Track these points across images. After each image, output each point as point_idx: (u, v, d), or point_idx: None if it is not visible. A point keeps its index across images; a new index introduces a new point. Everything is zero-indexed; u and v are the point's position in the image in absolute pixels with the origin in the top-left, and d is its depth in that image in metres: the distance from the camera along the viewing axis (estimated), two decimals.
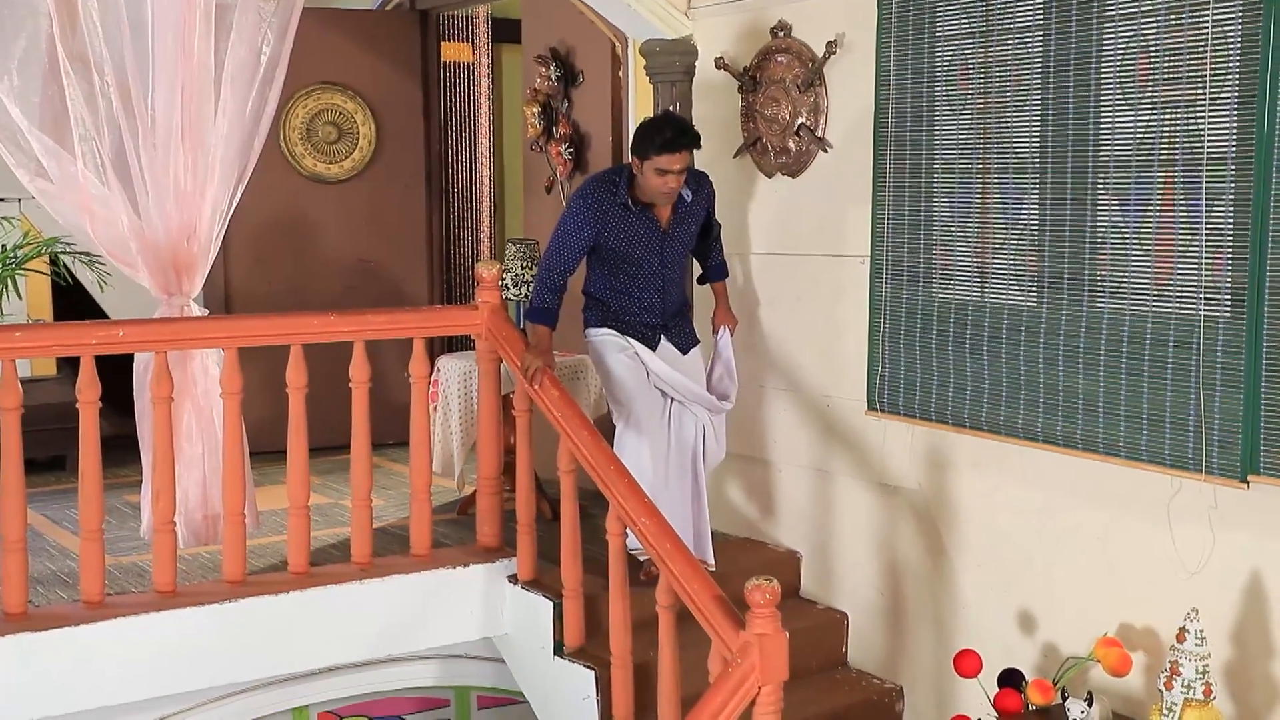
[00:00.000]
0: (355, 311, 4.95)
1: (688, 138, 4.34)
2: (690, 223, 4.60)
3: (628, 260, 4.51)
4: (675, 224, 4.55)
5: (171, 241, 4.66)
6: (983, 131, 4.11)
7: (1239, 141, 3.40)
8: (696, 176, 4.61)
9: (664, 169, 4.30)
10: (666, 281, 4.58)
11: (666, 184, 4.34)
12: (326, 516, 5.49)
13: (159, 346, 4.26)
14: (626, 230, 4.47)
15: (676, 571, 3.64)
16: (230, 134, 4.73)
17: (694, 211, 4.60)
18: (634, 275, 4.53)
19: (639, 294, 4.55)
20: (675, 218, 4.54)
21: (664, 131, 4.31)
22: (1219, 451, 3.48)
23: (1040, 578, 4.09)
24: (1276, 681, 3.45)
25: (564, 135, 6.28)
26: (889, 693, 4.60)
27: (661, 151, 4.28)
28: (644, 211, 4.47)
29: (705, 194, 4.65)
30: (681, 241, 4.60)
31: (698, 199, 4.59)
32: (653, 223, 4.49)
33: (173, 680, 4.23)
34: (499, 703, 5.24)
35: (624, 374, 4.53)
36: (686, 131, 4.36)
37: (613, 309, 4.59)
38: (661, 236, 4.51)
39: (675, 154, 4.29)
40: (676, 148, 4.29)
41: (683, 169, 4.34)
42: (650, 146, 4.30)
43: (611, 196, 4.45)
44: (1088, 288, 3.82)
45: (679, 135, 4.31)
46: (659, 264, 4.54)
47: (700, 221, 4.65)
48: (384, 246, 7.39)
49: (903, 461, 4.55)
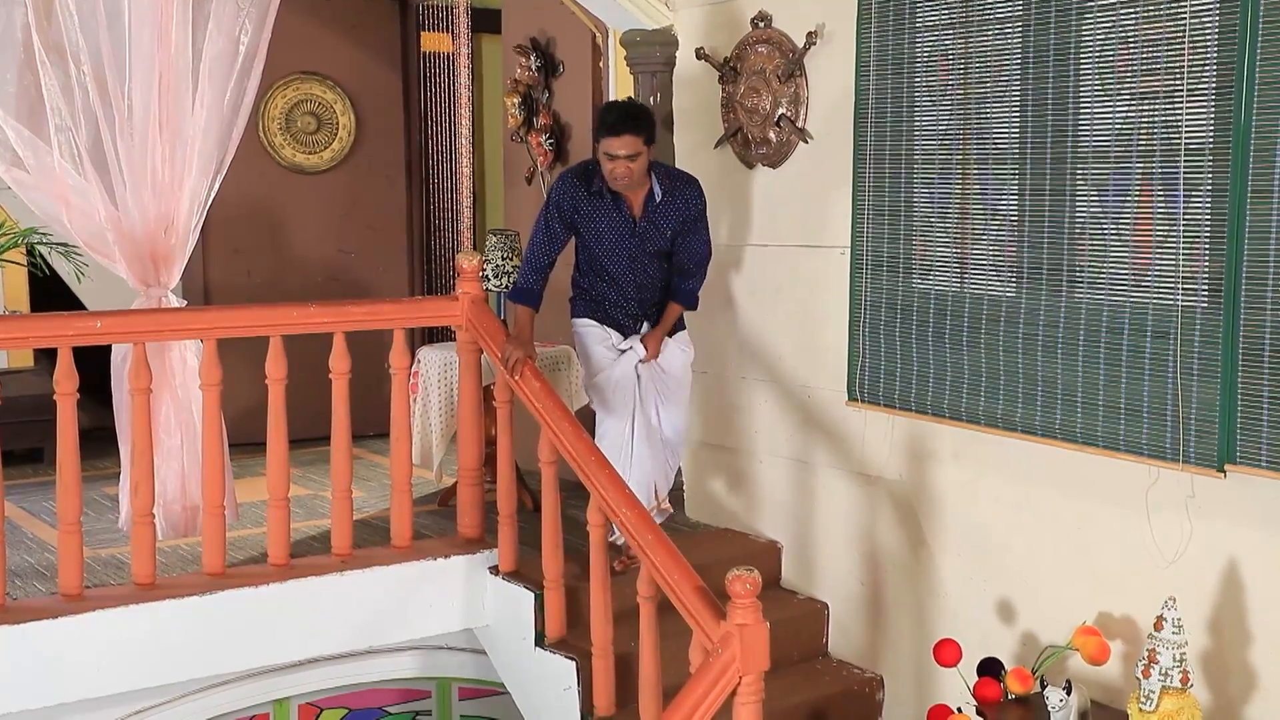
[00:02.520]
0: (335, 302, 4.95)
1: (632, 123, 4.25)
2: (664, 224, 4.48)
3: (600, 248, 4.49)
4: (646, 220, 4.47)
5: (149, 232, 4.64)
6: (962, 122, 4.11)
7: (1216, 132, 3.42)
8: (674, 178, 4.52)
9: (610, 153, 4.26)
10: (641, 278, 4.53)
11: (614, 170, 4.29)
12: (307, 508, 5.48)
13: (137, 338, 4.23)
14: (598, 217, 4.45)
15: (658, 562, 3.65)
16: (208, 124, 4.70)
17: (666, 212, 4.48)
18: (609, 266, 4.51)
19: (616, 285, 4.53)
20: (646, 214, 4.46)
21: (610, 114, 4.29)
22: (1196, 441, 3.50)
23: (1019, 567, 4.11)
24: (1253, 669, 3.47)
25: (544, 126, 6.27)
26: (869, 682, 4.62)
27: (605, 135, 4.25)
28: (616, 201, 4.43)
29: (684, 196, 4.49)
30: (653, 240, 4.49)
31: (672, 201, 4.46)
32: (624, 213, 4.45)
33: (152, 673, 4.21)
34: (480, 694, 5.24)
35: (604, 366, 4.54)
36: (633, 116, 4.28)
37: (594, 296, 4.59)
38: (632, 227, 4.46)
39: (618, 137, 4.23)
40: (618, 131, 4.23)
41: (630, 154, 4.26)
42: (600, 129, 4.29)
43: (585, 183, 4.43)
44: (1066, 278, 3.84)
45: (621, 119, 4.25)
46: (629, 258, 4.49)
47: (675, 226, 4.49)
48: (364, 237, 7.38)
49: (883, 452, 4.56)
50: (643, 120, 4.29)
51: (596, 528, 4.07)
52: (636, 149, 4.28)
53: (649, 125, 4.32)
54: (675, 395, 4.67)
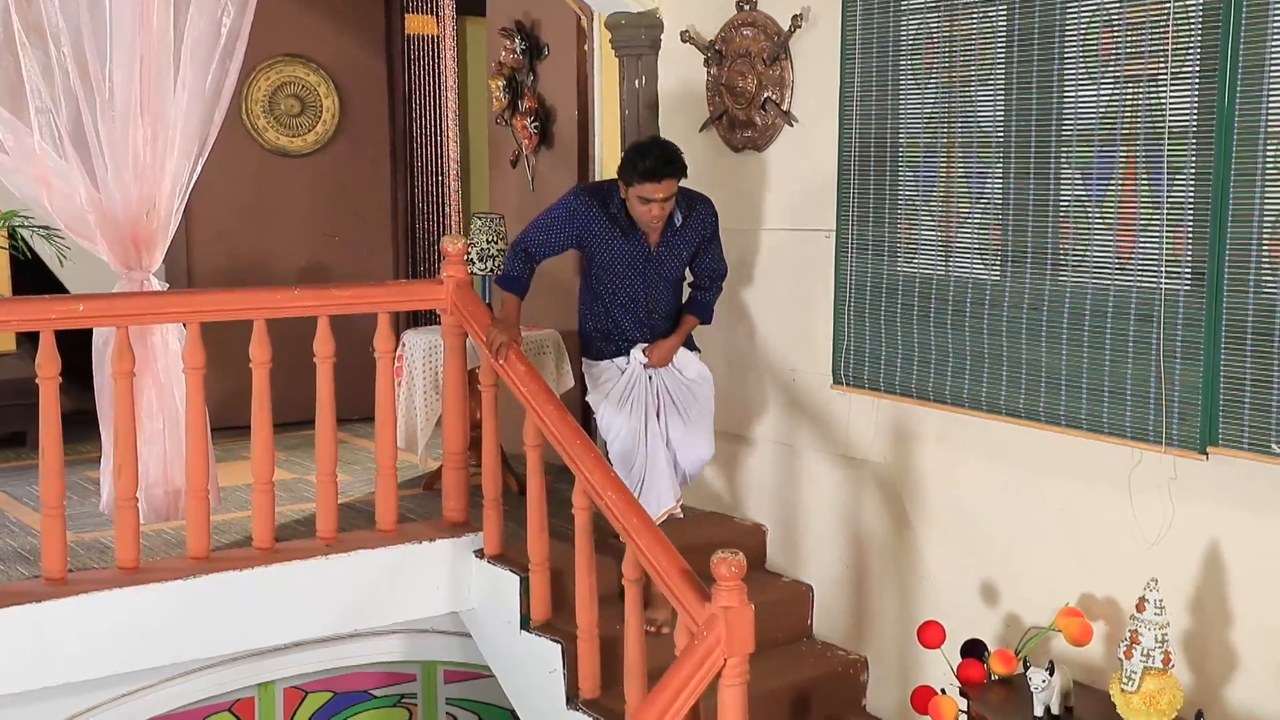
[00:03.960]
0: (319, 286, 4.93)
1: (671, 167, 4.10)
2: (682, 248, 4.36)
3: (611, 274, 4.33)
4: (664, 246, 4.31)
5: (131, 215, 4.62)
6: (947, 106, 4.11)
7: (1200, 117, 3.43)
8: (690, 199, 4.36)
9: (646, 197, 4.11)
10: (652, 301, 4.39)
11: (650, 212, 4.15)
12: (291, 492, 5.47)
13: (120, 321, 4.21)
14: (611, 243, 4.28)
15: (643, 546, 3.65)
16: (190, 106, 4.68)
17: (685, 236, 4.34)
18: (617, 292, 4.35)
19: (627, 310, 4.38)
20: (664, 240, 4.31)
21: (646, 159, 4.09)
22: (1179, 423, 3.52)
23: (1003, 549, 4.13)
24: (1234, 649, 3.50)
25: (529, 109, 6.25)
26: (854, 664, 4.64)
27: (644, 180, 4.09)
28: (633, 229, 4.27)
29: (700, 216, 4.37)
30: (669, 266, 4.36)
31: (690, 223, 4.34)
32: (640, 241, 4.28)
33: (136, 657, 4.20)
34: (465, 677, 5.25)
35: (610, 377, 4.40)
36: (671, 160, 4.11)
37: (604, 328, 4.42)
38: (647, 256, 4.31)
39: (658, 183, 4.08)
40: (659, 177, 4.07)
41: (667, 197, 4.13)
42: (633, 173, 4.10)
43: (603, 206, 4.27)
44: (1051, 261, 3.84)
45: (661, 165, 4.08)
46: (643, 285, 4.35)
47: (693, 248, 4.38)
48: (348, 220, 7.36)
49: (868, 435, 4.57)
50: (678, 161, 4.15)
51: (581, 511, 4.07)
52: (674, 191, 4.16)
53: (683, 162, 4.17)
54: (696, 410, 4.44)
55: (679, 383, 4.44)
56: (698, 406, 4.46)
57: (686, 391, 4.45)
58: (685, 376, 4.45)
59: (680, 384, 4.44)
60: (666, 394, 4.43)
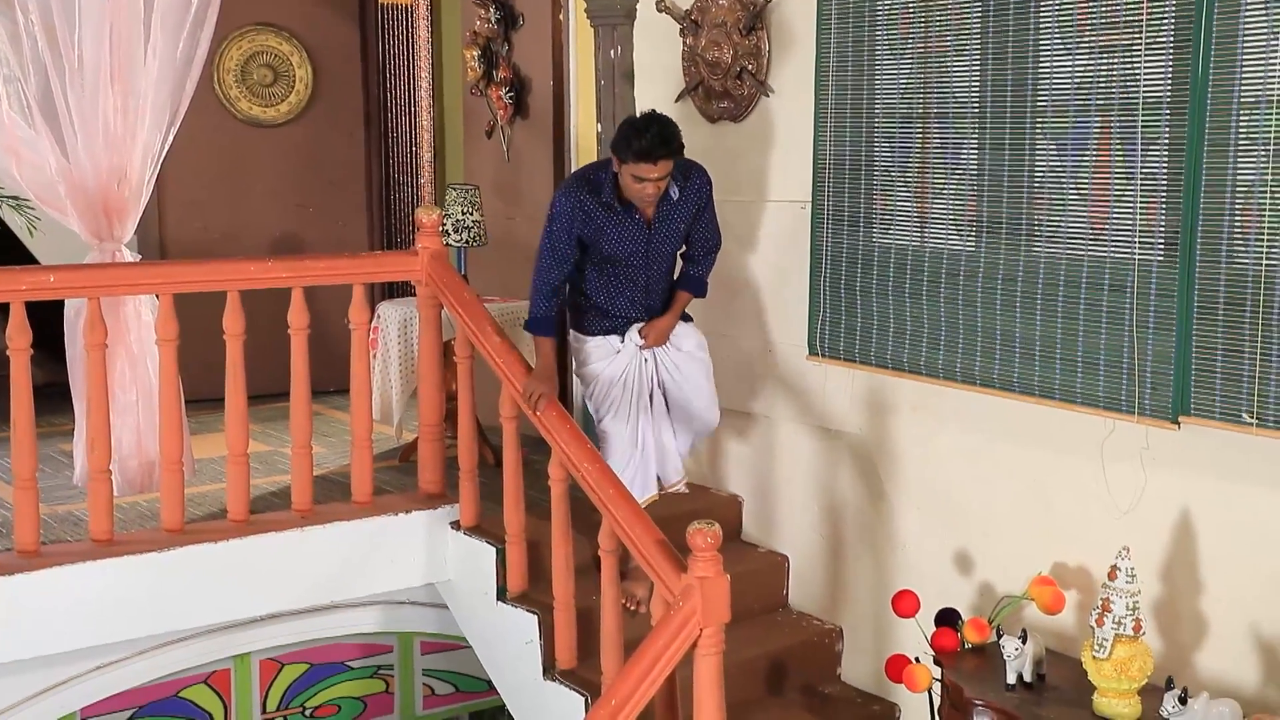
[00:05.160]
0: (293, 257, 4.90)
1: (668, 148, 3.96)
2: (678, 220, 4.24)
3: (612, 260, 4.22)
4: (661, 220, 4.20)
5: (101, 185, 4.57)
6: (923, 77, 4.11)
7: (1174, 87, 3.43)
8: (685, 169, 4.21)
9: (641, 177, 3.99)
10: (650, 279, 4.29)
11: (644, 190, 4.02)
12: (266, 464, 5.45)
13: (92, 293, 4.18)
14: (611, 230, 4.16)
15: (619, 517, 3.66)
16: (161, 76, 4.63)
17: (681, 207, 4.23)
18: (617, 273, 4.25)
19: (621, 290, 4.28)
20: (660, 214, 4.20)
21: (641, 138, 3.93)
22: (1151, 393, 3.54)
23: (977, 519, 4.16)
24: (1203, 616, 3.53)
25: (504, 79, 6.22)
26: (829, 633, 4.66)
27: (639, 160, 3.95)
28: (629, 210, 4.15)
29: (695, 187, 4.24)
30: (668, 240, 4.26)
31: (686, 194, 4.21)
32: (638, 221, 4.17)
33: (111, 630, 4.19)
34: (442, 648, 5.26)
35: (600, 365, 4.32)
36: (668, 140, 3.96)
37: (598, 305, 4.31)
38: (647, 235, 4.20)
39: (654, 164, 3.95)
40: (654, 158, 3.94)
41: (662, 176, 4.01)
42: (627, 151, 3.96)
43: (594, 197, 4.13)
44: (1026, 232, 3.85)
45: (657, 145, 3.93)
46: (643, 262, 4.24)
47: (689, 218, 4.27)
48: (322, 191, 7.31)
49: (843, 406, 4.59)
50: (676, 141, 4.01)
51: (558, 482, 4.07)
52: (669, 170, 4.04)
53: (680, 140, 4.03)
54: (695, 381, 4.38)
55: (677, 359, 4.37)
56: (699, 375, 4.40)
57: (688, 361, 4.38)
58: (683, 349, 4.38)
59: (679, 359, 4.37)
60: (665, 377, 4.35)
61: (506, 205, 6.34)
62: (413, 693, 5.28)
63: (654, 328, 4.31)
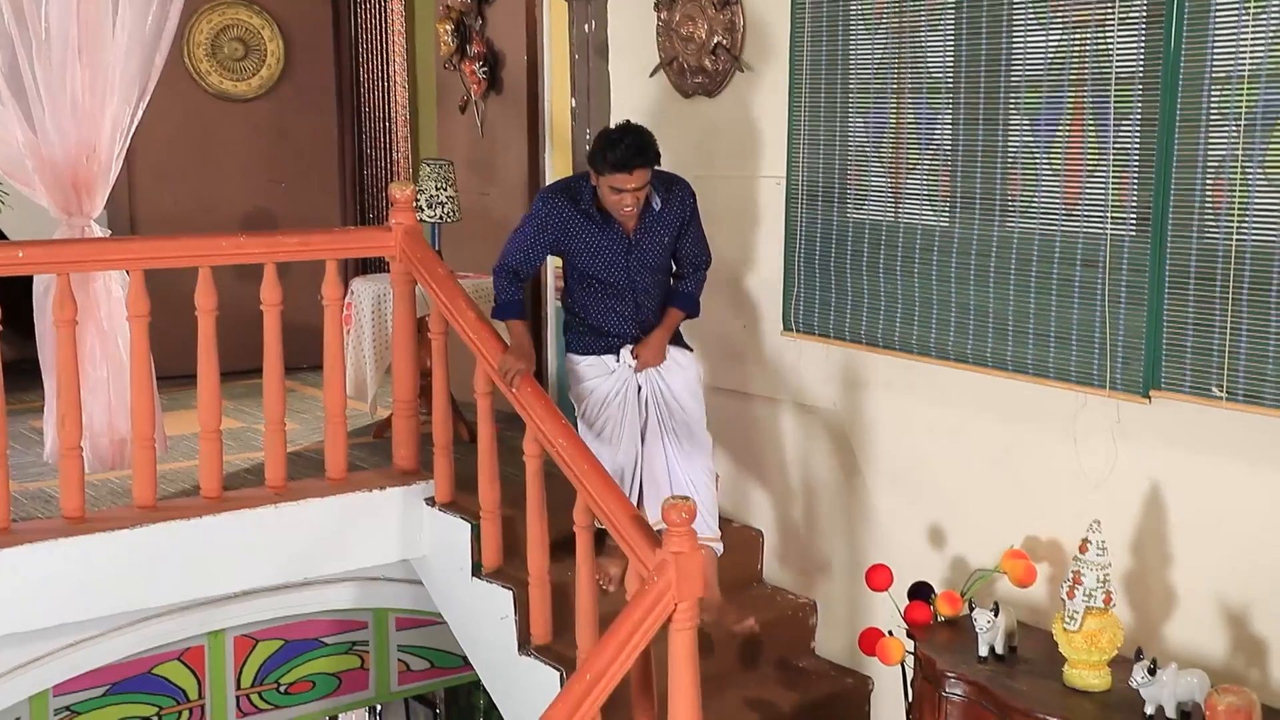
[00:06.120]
0: (266, 233, 4.88)
1: (642, 156, 3.91)
2: (661, 233, 4.16)
3: (595, 269, 4.16)
4: (642, 233, 4.13)
5: (70, 159, 4.53)
6: (897, 52, 4.11)
7: (1146, 62, 3.44)
8: (667, 182, 4.16)
9: (618, 187, 3.94)
10: (639, 295, 4.20)
11: (622, 202, 3.97)
12: (239, 441, 5.43)
13: (61, 268, 4.15)
14: (590, 241, 4.11)
15: (594, 492, 3.66)
16: (130, 49, 4.59)
17: (664, 220, 4.15)
18: (605, 291, 4.19)
19: (611, 308, 4.20)
20: (642, 226, 4.12)
21: (615, 149, 3.89)
22: (1123, 367, 3.56)
23: (950, 493, 4.18)
24: (1172, 588, 3.57)
25: (478, 54, 6.18)
26: (803, 607, 4.69)
27: (614, 170, 3.90)
28: (608, 221, 4.09)
29: (678, 201, 4.18)
30: (651, 253, 4.17)
31: (669, 207, 4.15)
32: (618, 233, 4.10)
33: (83, 607, 4.18)
34: (417, 624, 5.27)
35: (592, 384, 4.23)
36: (643, 149, 3.92)
37: (591, 324, 4.24)
38: (627, 247, 4.12)
39: (630, 174, 3.90)
40: (629, 167, 3.89)
41: (640, 186, 3.95)
42: (603, 163, 3.92)
43: (573, 205, 4.09)
44: (999, 208, 3.86)
45: (632, 155, 3.89)
46: (627, 277, 4.16)
47: (674, 232, 4.18)
48: (295, 167, 7.27)
49: (818, 381, 4.60)
50: (651, 150, 3.96)
51: (532, 458, 4.07)
52: (646, 180, 3.98)
53: (657, 151, 3.98)
54: (686, 424, 4.22)
55: (673, 385, 4.24)
56: (691, 415, 4.25)
57: (672, 401, 4.23)
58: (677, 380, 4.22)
59: (665, 396, 4.23)
60: (661, 398, 4.23)
61: (480, 180, 6.31)
62: (388, 669, 5.29)
63: (646, 347, 4.19)
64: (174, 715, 4.83)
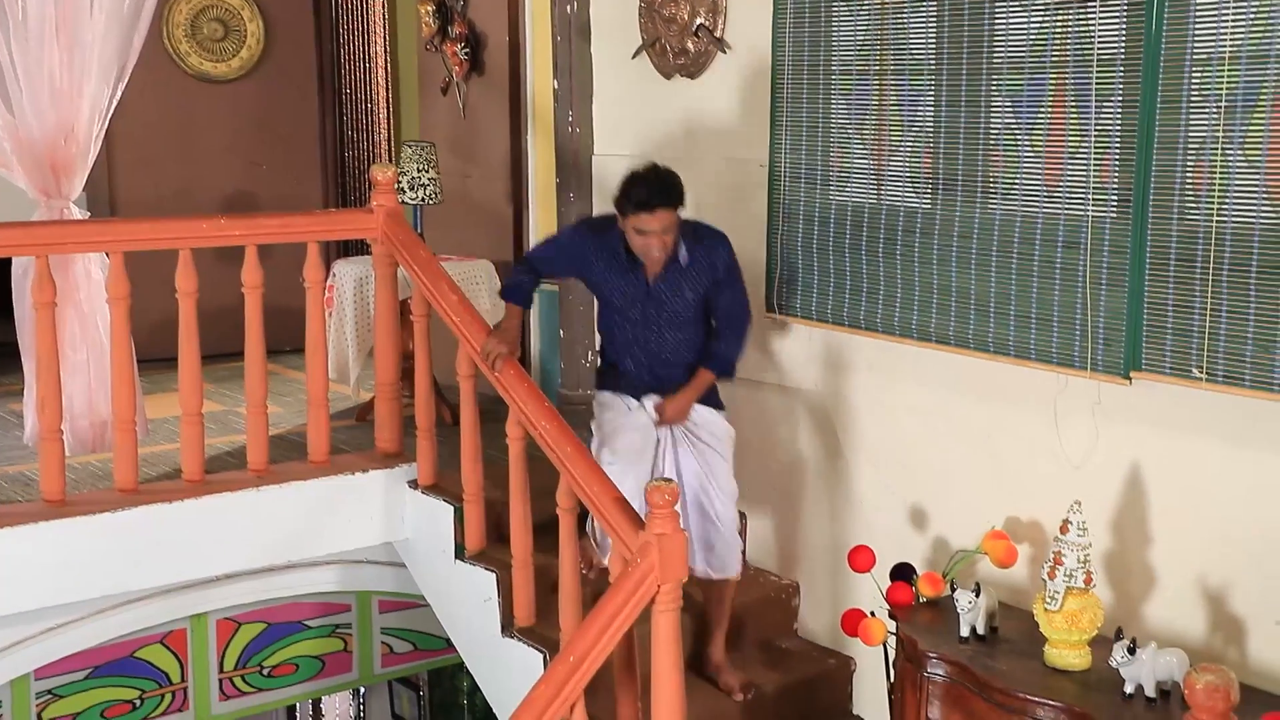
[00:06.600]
0: (247, 215, 4.86)
1: (665, 196, 3.83)
2: (684, 287, 4.00)
3: (611, 309, 4.09)
4: (664, 284, 3.99)
5: (48, 140, 4.50)
6: (879, 33, 4.10)
7: (1128, 43, 3.45)
8: (699, 235, 4.04)
9: (641, 229, 3.85)
10: (653, 346, 4.05)
11: (647, 244, 3.87)
12: (221, 424, 5.41)
13: (39, 251, 4.12)
14: (610, 276, 4.02)
15: (578, 475, 3.66)
16: (108, 29, 4.55)
17: (691, 277, 3.99)
18: (624, 326, 4.08)
19: (628, 347, 4.09)
20: (665, 277, 3.98)
21: (638, 188, 3.83)
22: (1104, 349, 3.58)
23: (932, 475, 4.19)
24: (1152, 568, 3.59)
25: (460, 35, 6.15)
26: (786, 589, 4.70)
27: (637, 210, 3.82)
28: (635, 262, 3.98)
29: (706, 258, 4.00)
30: (670, 306, 4.01)
31: (699, 264, 4.00)
32: (638, 275, 3.99)
33: (64, 590, 4.16)
34: (400, 606, 5.27)
35: (613, 414, 4.10)
36: (666, 190, 3.84)
37: (608, 359, 4.18)
38: (645, 293, 4.00)
39: (652, 214, 3.81)
40: (652, 207, 3.81)
41: (664, 228, 3.85)
42: (626, 203, 3.85)
43: (605, 237, 4.00)
44: (981, 189, 3.87)
45: (654, 194, 3.81)
46: (642, 324, 4.03)
47: (701, 290, 4.02)
48: (275, 148, 7.22)
49: (800, 363, 4.60)
50: (675, 190, 3.87)
51: (515, 441, 4.06)
52: (671, 222, 3.87)
53: (681, 192, 3.89)
54: (711, 454, 4.13)
55: (697, 445, 4.13)
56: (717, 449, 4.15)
57: (700, 431, 4.13)
58: (701, 423, 4.12)
59: (693, 430, 4.12)
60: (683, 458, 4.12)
61: (463, 163, 6.29)
62: (371, 651, 5.29)
63: (671, 403, 4.05)
64: (156, 699, 4.83)
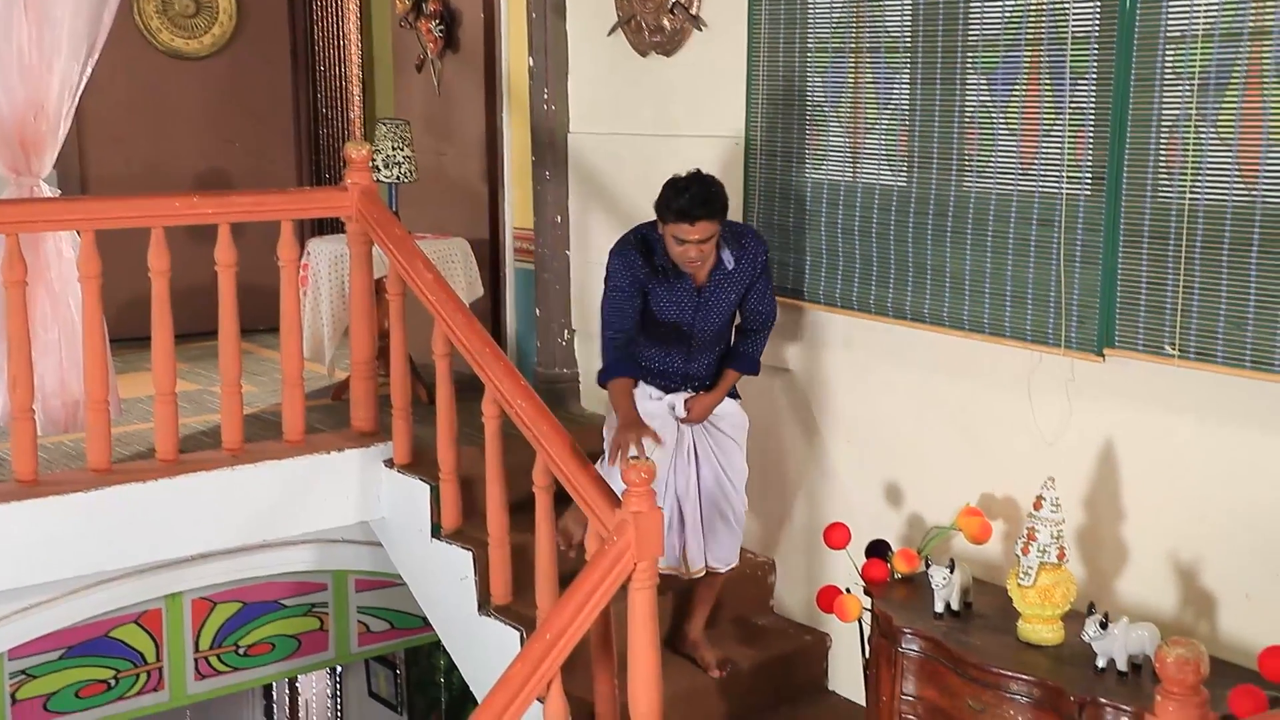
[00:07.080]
0: (220, 193, 4.82)
1: (708, 208, 3.73)
2: (730, 290, 3.99)
3: (659, 317, 4.00)
4: (712, 287, 3.97)
5: (17, 117, 4.45)
6: (855, 11, 4.10)
7: (1102, 21, 3.45)
8: (741, 237, 3.99)
9: (681, 238, 3.77)
10: (695, 348, 4.03)
11: (687, 254, 3.80)
12: (195, 404, 5.38)
13: (10, 229, 4.07)
14: (662, 292, 3.95)
15: (554, 453, 3.66)
16: (78, 6, 4.50)
17: (735, 277, 3.98)
18: (661, 335, 4.02)
19: (665, 350, 4.04)
20: (713, 280, 3.96)
21: (680, 197, 3.73)
22: (1077, 326, 3.59)
23: (907, 452, 4.21)
24: (1124, 543, 3.62)
25: (434, 12, 6.11)
26: (762, 566, 4.72)
27: (678, 220, 3.74)
28: (680, 275, 3.94)
29: (749, 258, 3.99)
30: (717, 309, 3.99)
31: (743, 267, 3.97)
32: (687, 284, 3.95)
33: (37, 570, 4.14)
34: (376, 585, 5.27)
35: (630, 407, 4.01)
36: (709, 200, 3.74)
37: (642, 360, 4.07)
38: (695, 298, 3.96)
39: (693, 225, 3.73)
40: (692, 219, 3.72)
41: (705, 238, 3.77)
42: (667, 211, 3.77)
43: (647, 259, 3.92)
44: (956, 167, 3.87)
45: (696, 205, 3.72)
46: (690, 329, 4.01)
47: (743, 288, 4.01)
48: (249, 126, 7.18)
49: (776, 341, 4.60)
50: (718, 201, 3.77)
51: (491, 419, 4.06)
52: (712, 232, 3.79)
53: (724, 203, 3.80)
54: (728, 442, 4.13)
55: (715, 436, 4.13)
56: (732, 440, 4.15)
57: (724, 439, 4.13)
58: (720, 428, 4.12)
59: (716, 436, 4.13)
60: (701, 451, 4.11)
61: (437, 140, 6.26)
62: (347, 630, 5.29)
63: (699, 403, 4.05)
64: (131, 678, 4.82)
